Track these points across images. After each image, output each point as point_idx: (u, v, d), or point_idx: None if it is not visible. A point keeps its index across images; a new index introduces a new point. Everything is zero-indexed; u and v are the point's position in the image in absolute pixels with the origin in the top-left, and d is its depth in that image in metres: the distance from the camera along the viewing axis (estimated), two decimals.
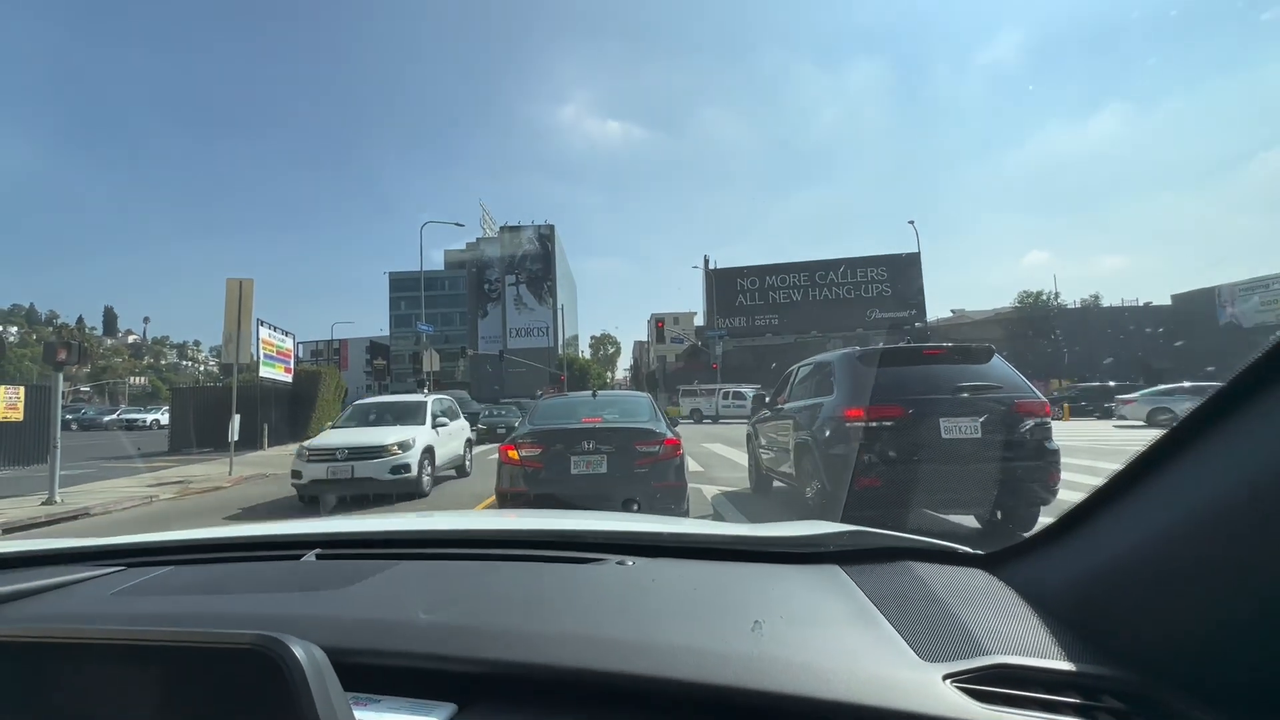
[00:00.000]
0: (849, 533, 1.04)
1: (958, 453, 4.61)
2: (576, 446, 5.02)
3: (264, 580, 0.96)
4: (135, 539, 1.13)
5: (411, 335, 49.14)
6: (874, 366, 5.13)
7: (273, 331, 16.62)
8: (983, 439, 4.62)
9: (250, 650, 0.48)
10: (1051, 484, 4.64)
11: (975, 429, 4.65)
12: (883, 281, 47.93)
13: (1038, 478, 4.62)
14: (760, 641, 0.71)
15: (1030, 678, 0.62)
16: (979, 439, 4.63)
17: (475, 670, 0.69)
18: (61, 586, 0.94)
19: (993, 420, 4.67)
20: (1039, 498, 4.66)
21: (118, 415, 42.48)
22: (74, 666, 0.51)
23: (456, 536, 1.12)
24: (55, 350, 9.17)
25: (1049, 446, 4.72)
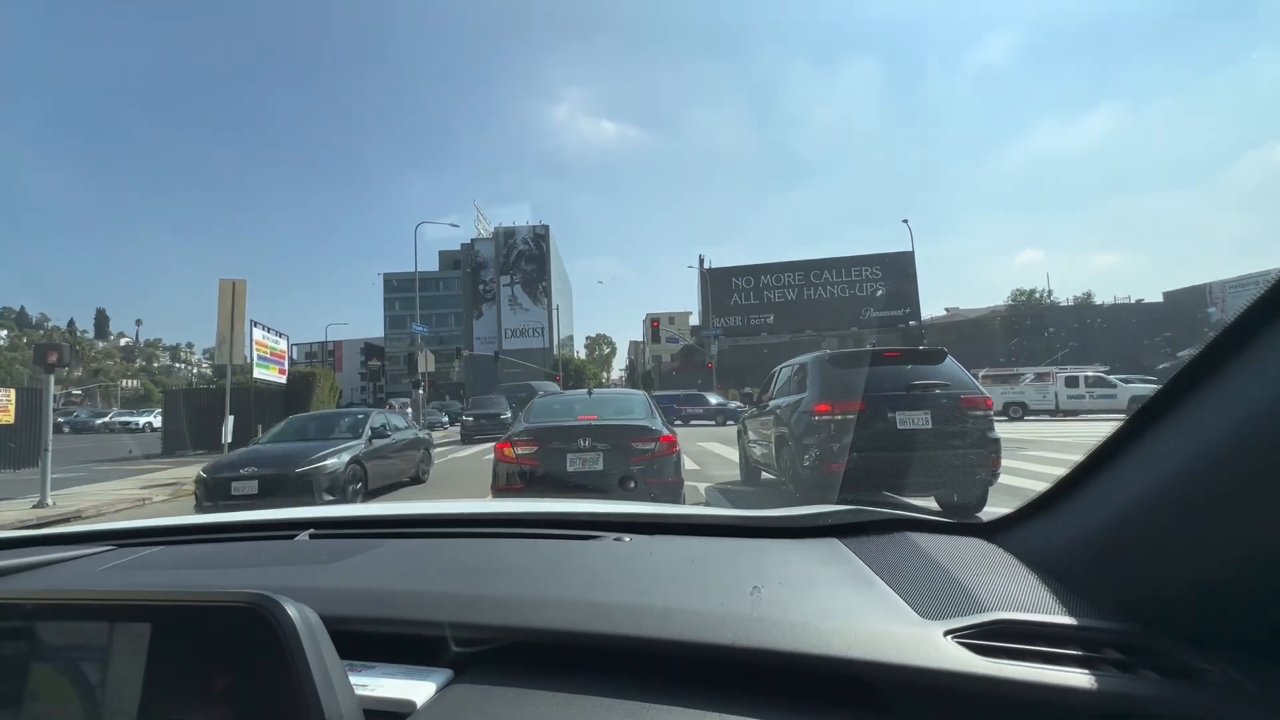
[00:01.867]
0: (847, 510, 1.06)
1: (911, 441, 5.25)
2: (573, 444, 5.02)
3: (256, 557, 0.96)
4: (126, 523, 1.13)
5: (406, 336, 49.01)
6: (841, 367, 5.90)
7: (266, 333, 16.56)
8: (933, 429, 5.29)
9: (244, 609, 0.48)
10: (994, 469, 5.28)
11: (926, 421, 5.32)
12: (877, 280, 48.14)
13: (981, 463, 5.25)
14: (758, 604, 0.71)
15: (1031, 632, 0.62)
16: (930, 429, 5.29)
17: (471, 636, 0.68)
18: (51, 564, 0.94)
19: (941, 413, 5.34)
20: (983, 480, 5.31)
21: (110, 418, 42.23)
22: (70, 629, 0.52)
23: (449, 519, 1.12)
24: (46, 353, 9.10)
25: (991, 436, 5.36)
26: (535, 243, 73.32)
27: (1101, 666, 0.57)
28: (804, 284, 49.50)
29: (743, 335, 48.60)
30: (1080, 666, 0.57)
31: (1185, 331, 35.76)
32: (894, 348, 6.35)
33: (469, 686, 0.64)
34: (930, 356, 5.92)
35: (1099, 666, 0.57)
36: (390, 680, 0.63)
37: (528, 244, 73.24)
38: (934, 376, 5.57)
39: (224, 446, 12.09)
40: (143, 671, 0.50)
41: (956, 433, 5.31)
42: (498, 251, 72.67)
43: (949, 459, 5.23)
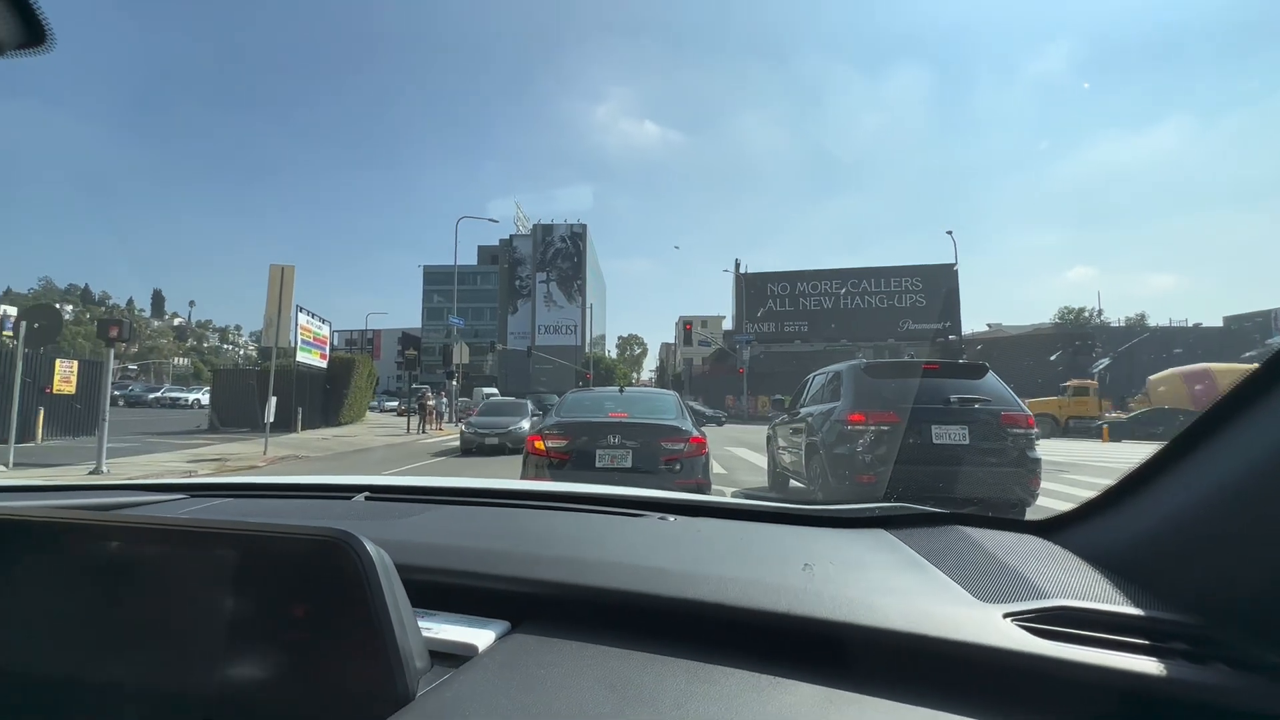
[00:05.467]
0: (893, 505, 1.05)
1: (947, 456, 5.17)
2: (602, 440, 5.06)
3: (319, 512, 1.01)
4: (196, 479, 1.20)
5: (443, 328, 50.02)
6: (877, 377, 5.84)
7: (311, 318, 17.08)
8: (970, 445, 5.18)
9: (327, 542, 0.51)
10: (1033, 488, 5.13)
11: (964, 436, 5.22)
12: (917, 292, 47.05)
13: (1020, 482, 5.13)
14: (811, 578, 0.71)
15: (1095, 619, 0.61)
16: (967, 445, 5.18)
17: (527, 590, 0.70)
18: (137, 505, 1.01)
19: (980, 429, 5.25)
20: (1022, 500, 5.13)
21: (162, 394, 44.24)
22: (168, 553, 0.56)
23: (497, 492, 1.15)
24: (108, 327, 9.58)
25: (1031, 455, 5.21)
26: (572, 241, 73.95)
27: (1170, 655, 0.56)
28: (841, 293, 48.69)
29: (776, 342, 48.07)
30: (1148, 655, 0.56)
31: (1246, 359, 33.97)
32: (933, 360, 6.22)
33: (527, 636, 0.65)
34: (970, 371, 5.81)
35: (1168, 655, 0.56)
36: (452, 626, 0.65)
37: (565, 242, 73.91)
38: (974, 391, 5.46)
39: (265, 426, 12.55)
40: (234, 595, 0.54)
41: (995, 450, 5.20)
42: (535, 248, 73.56)
43: (986, 476, 5.12)
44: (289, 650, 0.52)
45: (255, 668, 0.52)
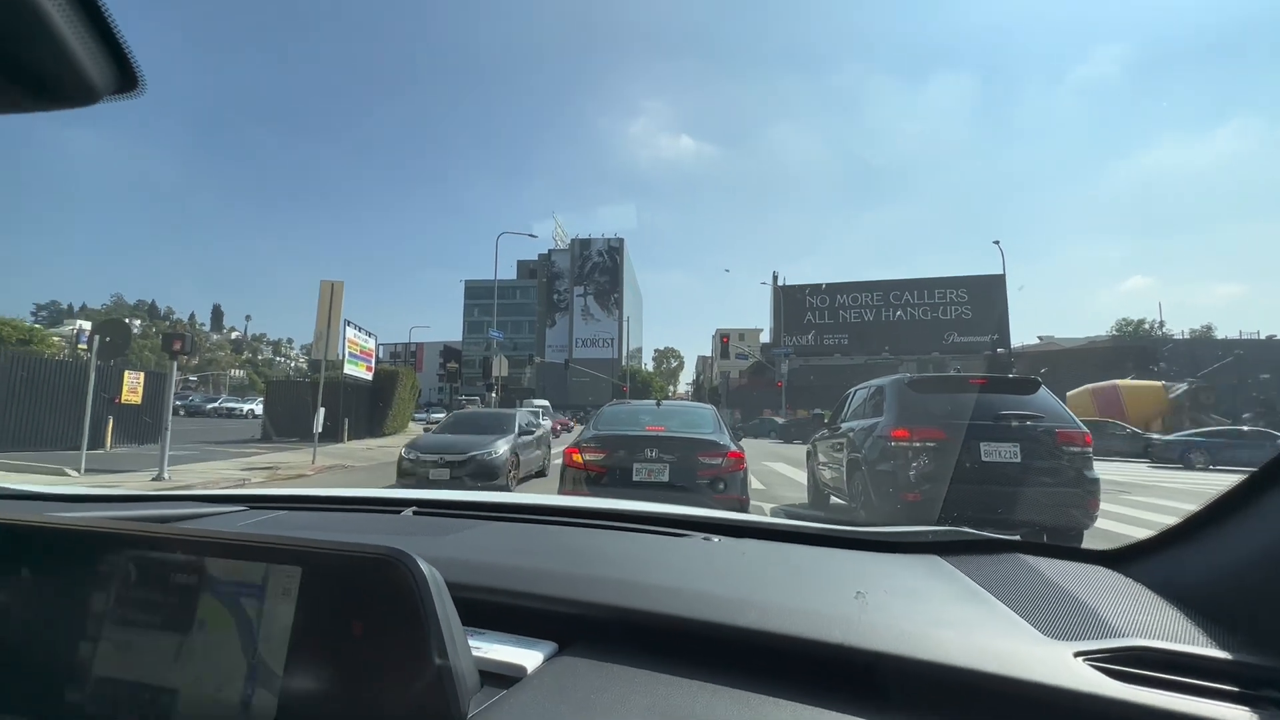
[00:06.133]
0: (948, 529, 1.01)
1: (997, 475, 4.95)
2: (639, 454, 5.05)
3: (369, 526, 1.03)
4: (254, 490, 1.25)
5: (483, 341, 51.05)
6: (921, 392, 5.64)
7: (358, 332, 17.65)
8: (1022, 464, 4.94)
9: (382, 559, 0.52)
10: (1091, 510, 4.88)
11: (1014, 454, 4.97)
12: (962, 304, 45.69)
13: (1077, 503, 4.87)
14: (865, 608, 0.68)
15: (1176, 663, 0.56)
16: (1018, 463, 4.94)
17: (573, 612, 0.70)
18: (199, 516, 1.05)
19: (1032, 447, 5.00)
20: (1079, 522, 4.89)
21: (219, 404, 46.41)
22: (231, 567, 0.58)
23: (541, 508, 1.16)
24: (172, 341, 10.12)
25: (1089, 475, 4.96)
26: (609, 255, 74.68)
27: (1263, 705, 0.52)
28: (882, 305, 47.66)
29: (815, 355, 47.30)
30: (1237, 703, 0.52)
31: None
32: (981, 375, 5.99)
33: (575, 659, 0.65)
34: (1022, 386, 5.56)
35: (1260, 705, 0.52)
36: (500, 646, 0.65)
37: (602, 256, 74.72)
38: (1025, 407, 5.22)
39: (315, 437, 12.99)
40: (293, 610, 0.55)
41: (1049, 469, 4.95)
42: (573, 262, 74.56)
43: (1040, 496, 4.88)
44: (345, 666, 0.53)
45: (312, 682, 0.53)
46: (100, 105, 0.45)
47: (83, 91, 0.43)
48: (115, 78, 0.44)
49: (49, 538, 0.65)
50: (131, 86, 0.45)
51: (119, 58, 0.43)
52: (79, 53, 0.40)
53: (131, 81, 0.45)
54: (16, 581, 0.65)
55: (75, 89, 0.42)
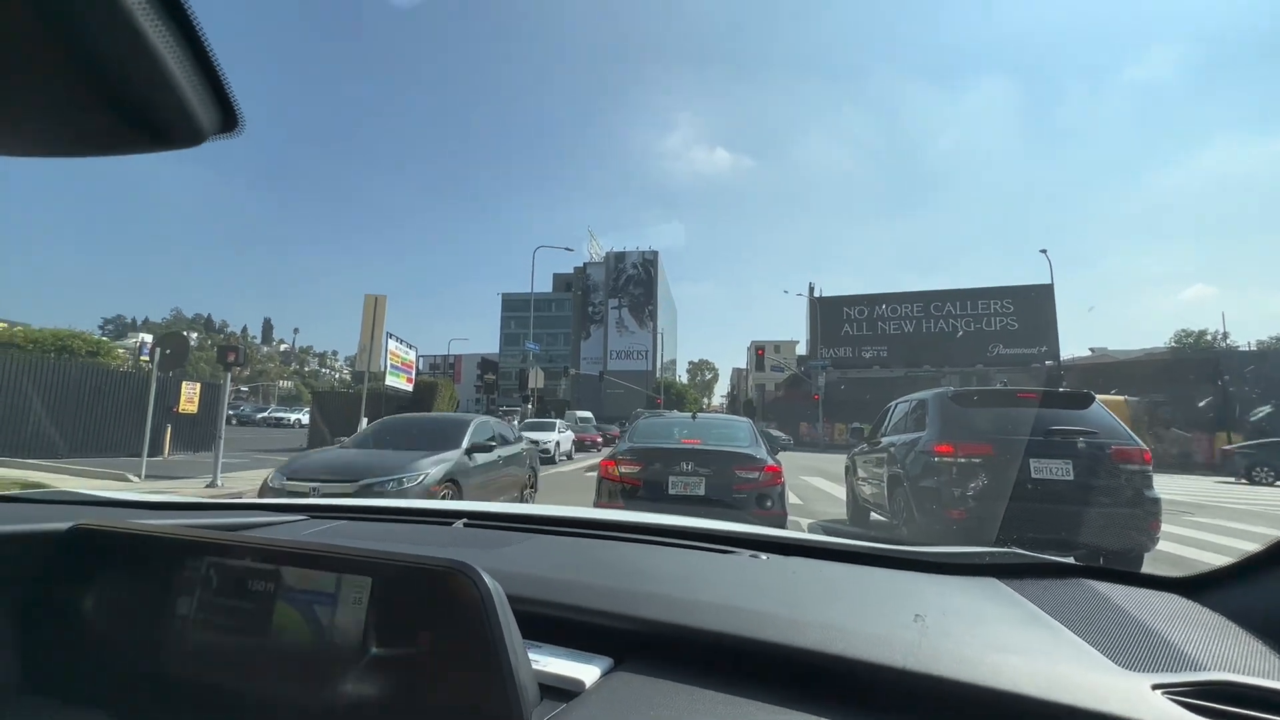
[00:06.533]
0: (1006, 551, 0.97)
1: (1049, 493, 4.75)
2: (675, 467, 5.03)
3: (424, 537, 1.06)
4: (314, 500, 1.30)
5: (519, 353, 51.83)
6: (966, 406, 5.50)
7: (399, 344, 18.16)
8: (1075, 481, 4.74)
9: (449, 572, 0.53)
10: (1152, 532, 4.70)
11: (1067, 471, 4.78)
12: (1008, 315, 44.17)
13: (1137, 524, 4.69)
14: (925, 631, 0.66)
15: (1264, 700, 0.53)
16: (1071, 481, 4.75)
17: (629, 628, 0.70)
18: (265, 525, 1.09)
19: (1086, 464, 4.80)
20: (1139, 544, 4.72)
21: (268, 413, 48.28)
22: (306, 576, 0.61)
23: (591, 522, 1.17)
24: (226, 353, 10.61)
25: (1149, 494, 4.76)
26: (643, 267, 75.06)
27: None
28: (923, 316, 46.45)
29: (853, 367, 46.35)
30: None
31: None
32: (1029, 388, 5.78)
33: (631, 675, 0.64)
34: (1073, 400, 5.35)
35: None
36: (558, 660, 0.66)
37: (636, 269, 75.14)
38: (1078, 422, 5.00)
39: None
40: (364, 618, 0.56)
41: (1105, 488, 4.74)
42: (607, 275, 75.18)
43: (1095, 516, 4.66)
44: (413, 675, 0.54)
45: (381, 689, 0.54)
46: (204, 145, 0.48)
47: (191, 133, 0.45)
48: (219, 119, 0.47)
49: (136, 544, 0.69)
50: (233, 126, 0.48)
51: (222, 99, 0.46)
52: (190, 96, 0.43)
53: (233, 121, 0.48)
54: (105, 583, 0.69)
55: (185, 131, 0.45)
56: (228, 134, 0.49)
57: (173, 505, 1.24)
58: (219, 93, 0.45)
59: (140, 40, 0.38)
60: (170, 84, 0.41)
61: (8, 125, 0.44)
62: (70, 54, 0.37)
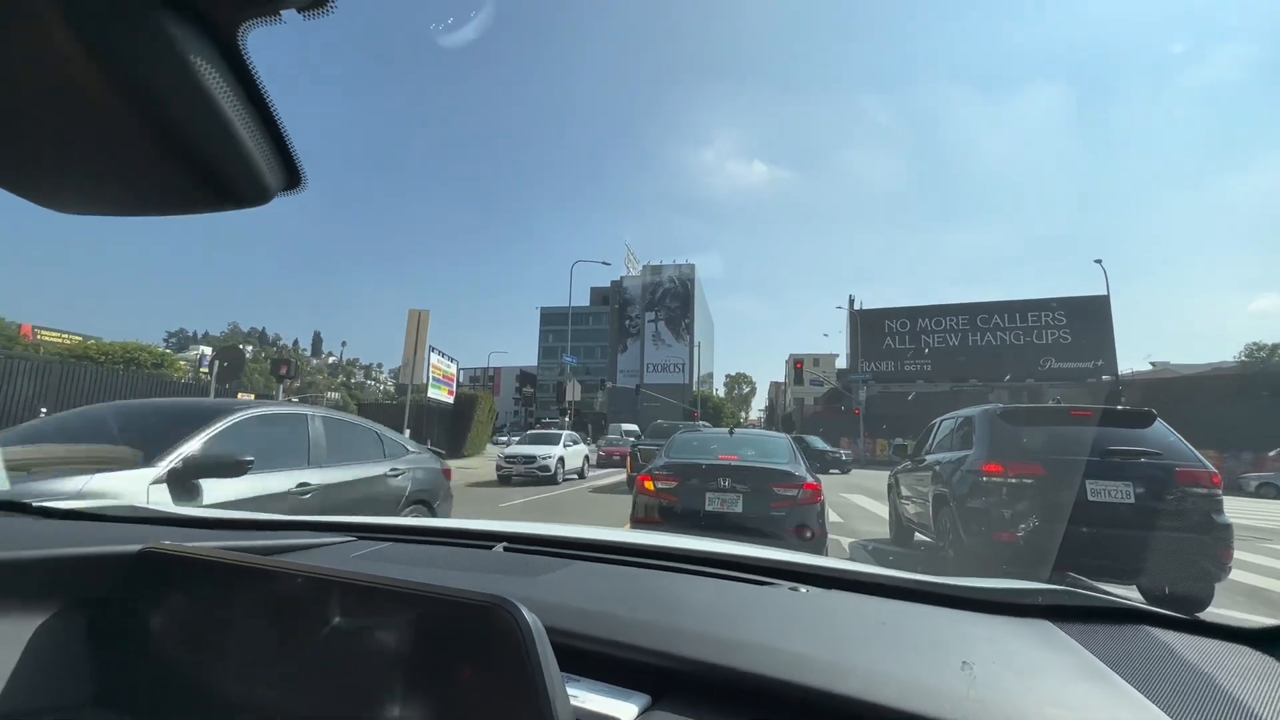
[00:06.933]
0: (1062, 590, 0.91)
1: (1107, 517, 4.53)
2: (712, 483, 4.99)
3: (464, 562, 1.08)
4: (363, 519, 1.34)
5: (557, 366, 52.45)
6: (1016, 424, 5.26)
7: (441, 357, 18.61)
8: (1136, 505, 4.51)
9: (488, 608, 0.54)
10: (1223, 560, 4.40)
11: (1127, 493, 4.54)
12: (1060, 327, 42.45)
13: (1205, 552, 4.40)
14: (973, 681, 0.63)
15: None
16: (1132, 504, 4.52)
17: (665, 665, 0.69)
18: (312, 547, 1.13)
19: (1148, 486, 4.56)
20: (1208, 574, 4.44)
21: None
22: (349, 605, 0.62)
23: (625, 547, 1.17)
24: (279, 366, 11.14)
25: (1218, 520, 4.48)
26: (680, 281, 75.19)
27: None
28: (969, 329, 45.02)
29: (895, 382, 45.18)
30: None
31: None
32: (1085, 405, 5.52)
33: (668, 714, 0.64)
34: (1134, 418, 5.07)
35: None
36: (596, 696, 0.66)
37: (673, 282, 75.32)
38: (1138, 442, 4.75)
39: None
40: (406, 650, 0.57)
41: (1170, 511, 4.47)
42: (645, 288, 75.58)
43: (1159, 543, 4.38)
44: (453, 708, 0.55)
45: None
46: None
47: (259, 192, 0.49)
48: (285, 178, 0.50)
49: (199, 568, 0.73)
50: (296, 184, 0.52)
51: (287, 160, 0.49)
52: (258, 159, 0.46)
53: (296, 179, 0.51)
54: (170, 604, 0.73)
55: (254, 191, 0.49)
56: (292, 191, 0.52)
57: (234, 524, 1.30)
58: (284, 154, 0.48)
59: (214, 109, 0.41)
60: (241, 149, 0.44)
61: (92, 190, 0.48)
62: (148, 122, 0.39)
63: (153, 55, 0.37)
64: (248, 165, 0.46)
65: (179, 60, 0.38)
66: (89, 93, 0.36)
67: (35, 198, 0.48)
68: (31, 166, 0.45)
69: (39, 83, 0.37)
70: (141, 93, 0.37)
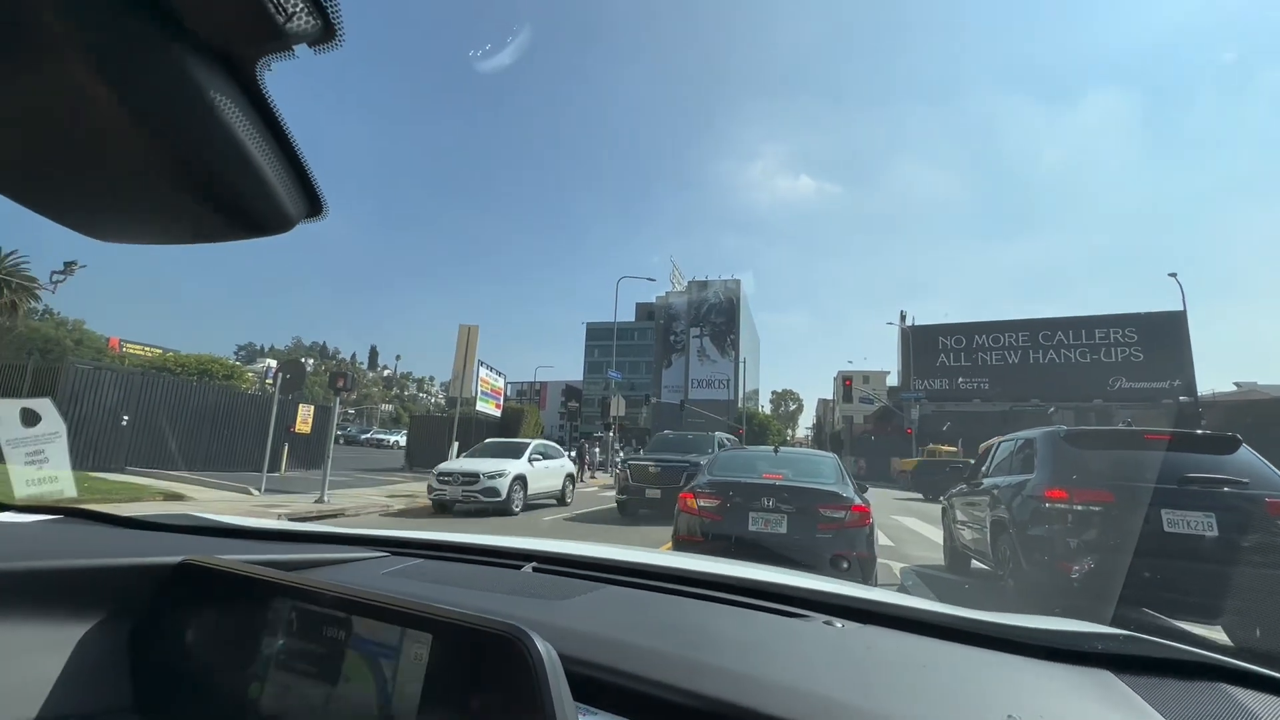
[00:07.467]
0: (1126, 636, 0.83)
1: (1186, 549, 4.22)
2: (755, 502, 4.90)
3: (494, 582, 1.08)
4: (395, 534, 1.36)
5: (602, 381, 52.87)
6: (1082, 447, 5.00)
7: (489, 371, 19.02)
8: (1219, 538, 4.17)
9: (503, 637, 0.54)
10: None
11: (1210, 525, 4.20)
12: (1131, 344, 40.03)
13: None
14: None
15: None
16: (1215, 537, 4.18)
17: (688, 703, 0.67)
18: (342, 562, 1.15)
19: (1233, 518, 4.21)
20: None
21: (370, 435, 52.17)
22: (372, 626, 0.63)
23: (655, 570, 1.15)
24: (336, 378, 11.59)
25: None
26: (726, 296, 74.85)
27: None
28: (1030, 346, 42.96)
29: (950, 400, 43.46)
30: None
31: None
32: (1159, 429, 5.17)
33: None
34: (1216, 443, 4.71)
35: None
36: None
37: (719, 297, 75.04)
38: (1221, 469, 4.41)
39: None
40: (423, 675, 0.57)
41: (1260, 546, 4.12)
42: (690, 304, 75.53)
43: (1247, 579, 4.03)
44: None
45: None
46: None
47: (281, 221, 0.51)
48: (306, 206, 0.53)
49: (233, 581, 0.75)
50: (318, 212, 0.54)
51: (308, 189, 0.52)
52: (279, 189, 0.49)
53: (318, 207, 0.54)
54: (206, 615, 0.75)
55: (276, 219, 0.51)
56: (314, 219, 0.54)
57: (280, 535, 1.34)
58: (304, 183, 0.51)
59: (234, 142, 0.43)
60: (262, 180, 0.46)
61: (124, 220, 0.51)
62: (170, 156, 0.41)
63: (173, 92, 0.39)
64: (269, 195, 0.48)
65: (198, 97, 0.40)
66: (114, 128, 0.39)
67: (77, 226, 0.51)
68: (69, 198, 0.48)
69: (69, 119, 0.39)
70: (163, 128, 0.40)
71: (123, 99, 0.38)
